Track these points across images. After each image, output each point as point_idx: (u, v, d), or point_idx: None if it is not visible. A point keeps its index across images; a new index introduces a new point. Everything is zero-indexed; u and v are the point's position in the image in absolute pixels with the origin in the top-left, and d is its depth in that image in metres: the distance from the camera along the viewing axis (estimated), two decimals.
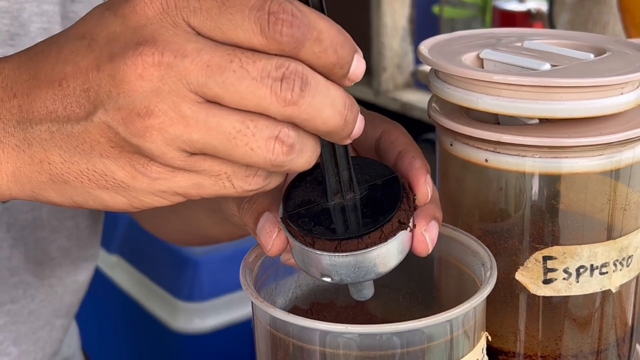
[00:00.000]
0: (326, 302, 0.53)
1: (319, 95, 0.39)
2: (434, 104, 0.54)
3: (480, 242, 0.50)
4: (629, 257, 0.52)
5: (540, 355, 0.53)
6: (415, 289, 0.54)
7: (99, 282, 1.04)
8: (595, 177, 0.50)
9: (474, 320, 0.46)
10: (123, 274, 1.60)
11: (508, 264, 0.51)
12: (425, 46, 0.55)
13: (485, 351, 0.48)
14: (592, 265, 0.51)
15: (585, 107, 0.49)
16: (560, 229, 0.50)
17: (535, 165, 0.50)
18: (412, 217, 0.45)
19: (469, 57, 0.54)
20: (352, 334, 0.43)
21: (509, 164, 0.50)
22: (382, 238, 0.44)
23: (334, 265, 0.44)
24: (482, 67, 0.55)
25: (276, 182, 0.42)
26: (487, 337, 0.48)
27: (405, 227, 0.44)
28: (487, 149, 0.50)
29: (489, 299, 0.46)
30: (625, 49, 0.55)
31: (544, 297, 0.51)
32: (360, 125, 0.41)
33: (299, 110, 0.38)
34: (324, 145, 0.42)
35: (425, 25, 2.20)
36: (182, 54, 0.38)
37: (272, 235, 0.46)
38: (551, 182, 0.50)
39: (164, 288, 1.50)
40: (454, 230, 0.51)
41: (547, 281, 0.51)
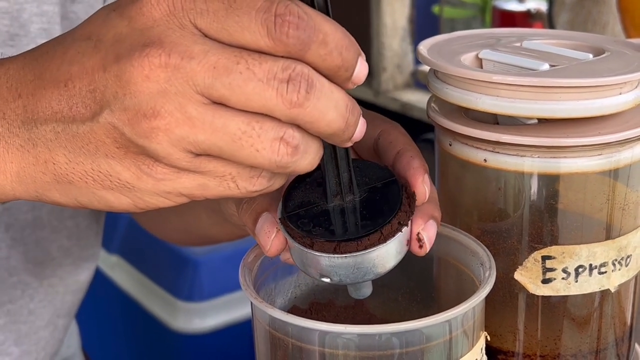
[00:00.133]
0: (325, 302, 0.53)
1: (324, 97, 0.39)
2: (433, 104, 0.54)
3: (479, 241, 0.50)
4: (628, 256, 0.52)
5: (539, 355, 0.53)
6: (414, 288, 0.54)
7: (99, 282, 1.05)
8: (594, 177, 0.50)
9: (473, 320, 0.46)
10: (123, 274, 1.60)
11: (507, 264, 0.51)
12: (424, 46, 0.55)
13: (484, 351, 0.48)
14: (591, 265, 0.51)
15: (584, 107, 0.49)
16: (559, 229, 0.50)
17: (534, 165, 0.50)
18: (411, 218, 0.45)
19: (468, 57, 0.54)
20: (351, 334, 0.43)
21: (508, 164, 0.50)
22: (382, 239, 0.44)
23: (333, 266, 0.44)
24: (481, 67, 0.55)
25: (279, 183, 0.42)
26: (486, 337, 0.48)
27: (404, 228, 0.44)
28: (486, 149, 0.50)
29: (488, 298, 0.46)
30: (624, 49, 0.55)
31: (542, 296, 0.51)
32: (362, 129, 0.42)
33: (304, 112, 0.38)
34: (325, 147, 0.42)
35: (425, 25, 2.20)
36: (189, 56, 0.38)
37: (270, 236, 0.46)
38: (550, 182, 0.50)
39: (164, 288, 1.50)
40: (453, 230, 0.51)
41: (546, 281, 0.51)
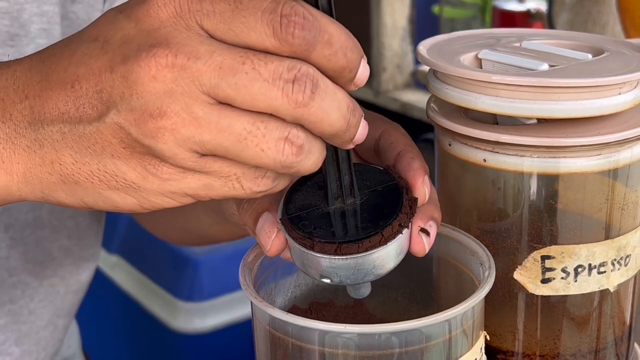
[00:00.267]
0: (325, 301, 0.53)
1: (328, 98, 0.39)
2: (432, 104, 0.55)
3: (478, 241, 0.50)
4: (627, 256, 0.52)
5: (538, 355, 0.53)
6: (414, 288, 0.54)
7: (99, 282, 1.05)
8: (593, 177, 0.50)
9: (473, 320, 0.46)
10: (123, 274, 1.60)
11: (506, 264, 0.51)
12: (424, 46, 0.55)
13: (483, 350, 0.48)
14: (590, 265, 0.51)
15: (583, 107, 0.49)
16: (558, 229, 0.51)
17: (533, 165, 0.50)
18: (412, 220, 0.45)
19: (467, 58, 0.54)
20: (351, 334, 0.43)
21: (507, 164, 0.50)
22: (382, 241, 0.44)
23: (334, 267, 0.44)
24: (481, 68, 0.55)
25: (284, 184, 0.43)
26: (486, 337, 0.48)
27: (405, 230, 0.44)
28: (485, 149, 0.51)
29: (488, 298, 0.46)
30: (623, 49, 0.55)
31: (542, 296, 0.51)
32: (364, 131, 0.42)
33: (308, 112, 0.39)
34: (327, 149, 0.42)
35: (425, 25, 2.20)
36: (195, 56, 0.38)
37: (271, 236, 0.46)
38: (549, 181, 0.50)
39: (164, 288, 1.50)
40: (453, 229, 0.51)
41: (545, 280, 0.51)
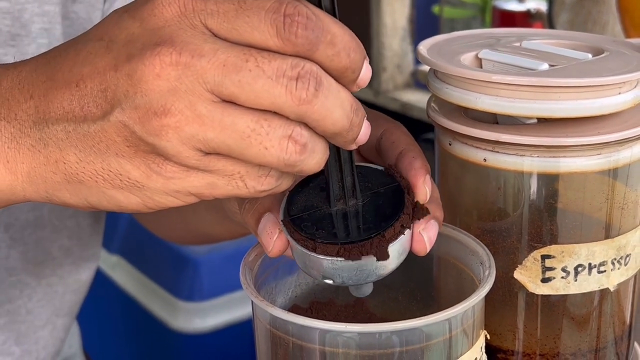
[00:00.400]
0: (326, 301, 0.53)
1: (331, 96, 0.39)
2: (432, 104, 0.55)
3: (479, 241, 0.50)
4: (627, 255, 0.52)
5: (538, 354, 0.53)
6: (414, 288, 0.54)
7: (99, 282, 1.05)
8: (593, 177, 0.50)
9: (473, 319, 0.46)
10: (123, 274, 1.60)
11: (506, 263, 0.52)
12: (424, 46, 0.55)
13: (484, 349, 0.48)
14: (590, 264, 0.51)
15: (583, 107, 0.49)
16: (558, 228, 0.51)
17: (533, 164, 0.50)
18: (413, 221, 0.45)
19: (467, 57, 0.54)
20: (352, 333, 0.43)
21: (508, 164, 0.50)
22: (384, 242, 0.44)
23: (336, 268, 0.44)
24: (481, 67, 0.55)
25: (287, 183, 0.43)
26: (486, 336, 0.48)
27: (407, 231, 0.45)
28: (485, 149, 0.51)
29: (488, 297, 0.46)
30: (623, 49, 0.55)
31: (542, 295, 0.51)
32: (366, 131, 0.42)
33: (312, 110, 0.39)
34: (329, 150, 0.42)
35: (425, 25, 2.20)
36: (199, 54, 0.38)
37: (272, 237, 0.46)
38: (549, 181, 0.50)
39: (164, 288, 1.50)
40: (453, 229, 0.51)
41: (545, 280, 0.51)
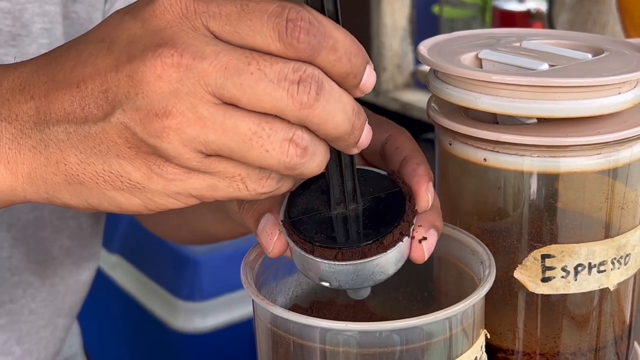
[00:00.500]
0: (326, 300, 0.53)
1: (333, 100, 0.39)
2: (433, 104, 0.55)
3: (479, 240, 0.50)
4: (627, 255, 0.52)
5: (538, 353, 0.53)
6: (414, 287, 0.54)
7: (99, 282, 1.05)
8: (593, 176, 0.50)
9: (473, 318, 0.46)
10: (124, 274, 1.60)
11: (507, 263, 0.52)
12: (424, 46, 0.55)
13: (484, 349, 0.48)
14: (590, 264, 0.51)
15: (583, 107, 0.49)
16: (558, 228, 0.51)
17: (533, 164, 0.50)
18: (413, 227, 0.45)
19: (467, 57, 0.54)
20: (352, 332, 0.43)
21: (508, 163, 0.50)
22: (382, 249, 0.44)
23: (333, 272, 0.44)
24: (481, 67, 0.55)
25: (288, 186, 0.43)
26: (486, 335, 0.48)
27: (405, 238, 0.45)
28: (485, 149, 0.51)
29: (488, 297, 0.47)
30: (623, 49, 0.55)
31: (542, 295, 0.51)
32: (368, 135, 0.42)
33: (313, 114, 0.39)
34: (330, 154, 0.42)
35: (425, 25, 2.20)
36: (201, 56, 0.38)
37: (272, 238, 0.46)
38: (549, 181, 0.50)
39: (164, 288, 1.50)
40: (453, 229, 0.51)
41: (545, 279, 0.51)
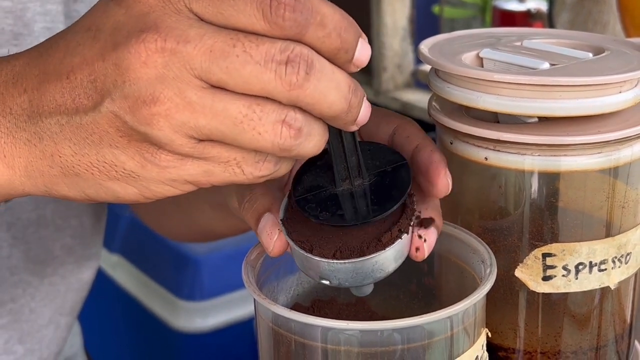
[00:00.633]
0: (327, 299, 0.53)
1: (325, 78, 0.38)
2: (434, 103, 0.55)
3: (480, 239, 0.50)
4: (628, 254, 0.52)
5: (539, 352, 0.53)
6: (415, 286, 0.55)
7: (100, 281, 1.05)
8: (594, 175, 0.50)
9: (474, 317, 0.46)
10: (124, 274, 1.60)
11: (508, 261, 0.52)
12: (425, 45, 0.55)
13: (485, 347, 0.48)
14: (591, 262, 0.51)
15: (584, 106, 0.49)
16: (559, 227, 0.51)
17: (534, 163, 0.50)
18: (412, 224, 0.45)
19: (469, 57, 0.54)
20: (354, 331, 0.43)
21: (509, 162, 0.50)
22: (381, 246, 0.44)
23: (332, 270, 0.44)
24: (482, 66, 0.55)
25: (286, 168, 0.42)
26: (487, 334, 0.48)
27: (404, 235, 0.45)
28: (487, 147, 0.51)
29: (489, 295, 0.47)
30: (623, 48, 0.55)
31: (543, 293, 0.51)
32: (366, 111, 0.41)
33: (304, 94, 0.38)
34: (331, 131, 0.42)
35: (425, 25, 2.20)
36: (185, 40, 0.38)
37: (272, 237, 0.46)
38: (550, 180, 0.50)
39: (165, 287, 1.50)
40: (454, 227, 0.51)
41: (546, 278, 0.51)
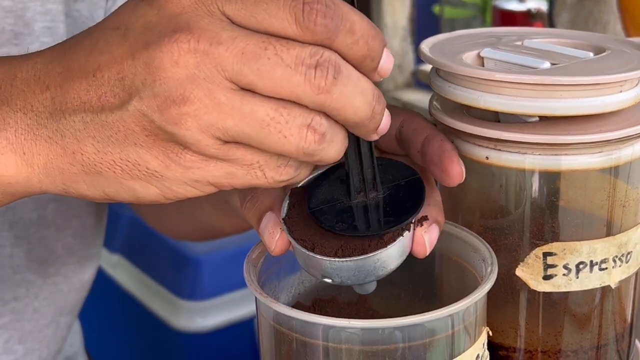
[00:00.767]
0: (328, 298, 0.53)
1: (351, 84, 0.39)
2: (435, 102, 0.55)
3: (481, 238, 0.50)
4: (628, 253, 0.52)
5: (540, 351, 0.53)
6: (416, 285, 0.55)
7: (100, 281, 1.05)
8: (594, 174, 0.51)
9: (475, 316, 0.46)
10: (125, 273, 1.60)
11: (508, 260, 0.52)
12: (426, 45, 0.55)
13: (486, 346, 0.48)
14: (591, 261, 0.51)
15: (584, 105, 0.49)
16: (560, 226, 0.51)
17: (535, 162, 0.50)
18: (414, 221, 0.46)
19: (469, 56, 0.54)
20: (355, 329, 0.43)
21: (510, 161, 0.50)
22: (383, 244, 0.44)
23: (334, 268, 0.44)
24: (483, 66, 0.55)
25: (305, 173, 0.42)
26: (488, 332, 0.48)
27: (406, 232, 0.45)
28: (487, 147, 0.51)
29: (490, 294, 0.47)
30: (624, 48, 0.55)
31: (544, 292, 0.52)
32: (387, 121, 0.42)
33: (331, 99, 0.39)
34: (349, 141, 0.42)
35: (425, 25, 2.20)
36: (217, 42, 0.38)
37: (274, 237, 0.46)
38: (551, 179, 0.50)
39: (165, 287, 1.50)
40: (455, 226, 0.51)
41: (547, 277, 0.51)
